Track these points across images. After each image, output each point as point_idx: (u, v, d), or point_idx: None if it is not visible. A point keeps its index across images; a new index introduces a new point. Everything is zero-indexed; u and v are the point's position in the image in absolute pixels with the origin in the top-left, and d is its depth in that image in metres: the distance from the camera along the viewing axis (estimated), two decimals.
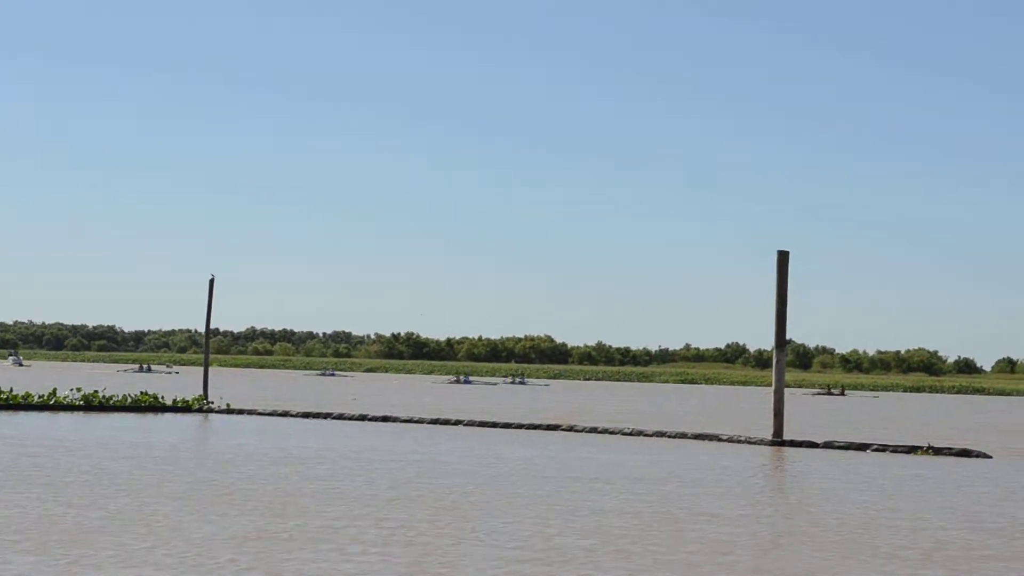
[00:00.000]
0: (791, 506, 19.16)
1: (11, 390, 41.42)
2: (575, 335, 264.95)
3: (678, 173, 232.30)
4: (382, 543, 13.78)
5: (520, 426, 36.76)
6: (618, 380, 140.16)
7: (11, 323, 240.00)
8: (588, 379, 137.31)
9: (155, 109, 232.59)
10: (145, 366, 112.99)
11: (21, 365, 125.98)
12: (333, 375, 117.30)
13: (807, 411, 60.00)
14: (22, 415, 36.44)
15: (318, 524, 15.09)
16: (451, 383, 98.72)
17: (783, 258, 33.13)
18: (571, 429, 35.87)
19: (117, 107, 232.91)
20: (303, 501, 17.35)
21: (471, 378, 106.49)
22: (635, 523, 16.10)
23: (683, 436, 34.23)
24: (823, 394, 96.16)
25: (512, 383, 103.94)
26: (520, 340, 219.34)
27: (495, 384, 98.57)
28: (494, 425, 37.06)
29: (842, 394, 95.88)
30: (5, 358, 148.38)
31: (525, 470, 23.11)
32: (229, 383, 75.73)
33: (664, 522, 16.29)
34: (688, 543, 14.50)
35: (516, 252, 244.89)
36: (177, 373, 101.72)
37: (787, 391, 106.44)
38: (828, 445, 31.85)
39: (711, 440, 33.58)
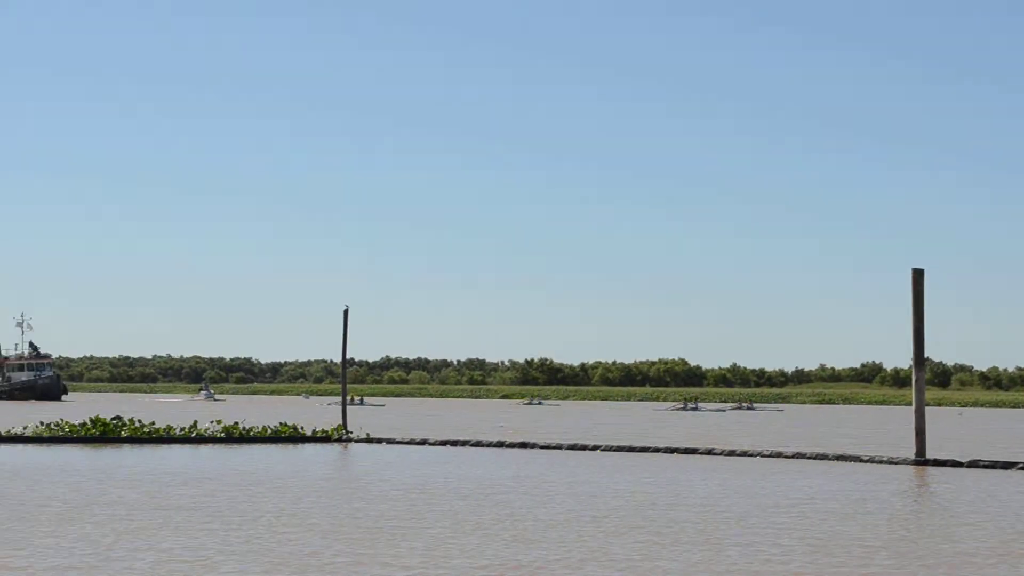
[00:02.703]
0: (931, 528, 19.25)
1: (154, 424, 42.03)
2: (709, 357, 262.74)
3: (810, 194, 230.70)
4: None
5: (656, 450, 36.99)
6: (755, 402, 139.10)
7: (150, 357, 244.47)
8: (724, 401, 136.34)
9: (291, 141, 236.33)
10: (358, 399, 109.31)
11: (215, 399, 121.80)
12: (540, 404, 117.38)
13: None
14: (164, 448, 37.32)
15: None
16: (676, 410, 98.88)
17: (918, 276, 32.98)
18: (709, 453, 36.06)
19: (252, 139, 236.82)
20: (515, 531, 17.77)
21: (699, 404, 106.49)
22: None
23: (824, 457, 34.21)
24: None
25: (740, 408, 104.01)
26: (654, 363, 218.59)
27: (723, 411, 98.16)
28: (619, 449, 37.25)
29: None
30: (197, 392, 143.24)
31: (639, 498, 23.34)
32: (402, 413, 76.51)
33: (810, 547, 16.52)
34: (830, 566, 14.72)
35: (647, 277, 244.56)
36: (383, 406, 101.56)
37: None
38: (973, 464, 31.62)
39: (852, 461, 33.49)
